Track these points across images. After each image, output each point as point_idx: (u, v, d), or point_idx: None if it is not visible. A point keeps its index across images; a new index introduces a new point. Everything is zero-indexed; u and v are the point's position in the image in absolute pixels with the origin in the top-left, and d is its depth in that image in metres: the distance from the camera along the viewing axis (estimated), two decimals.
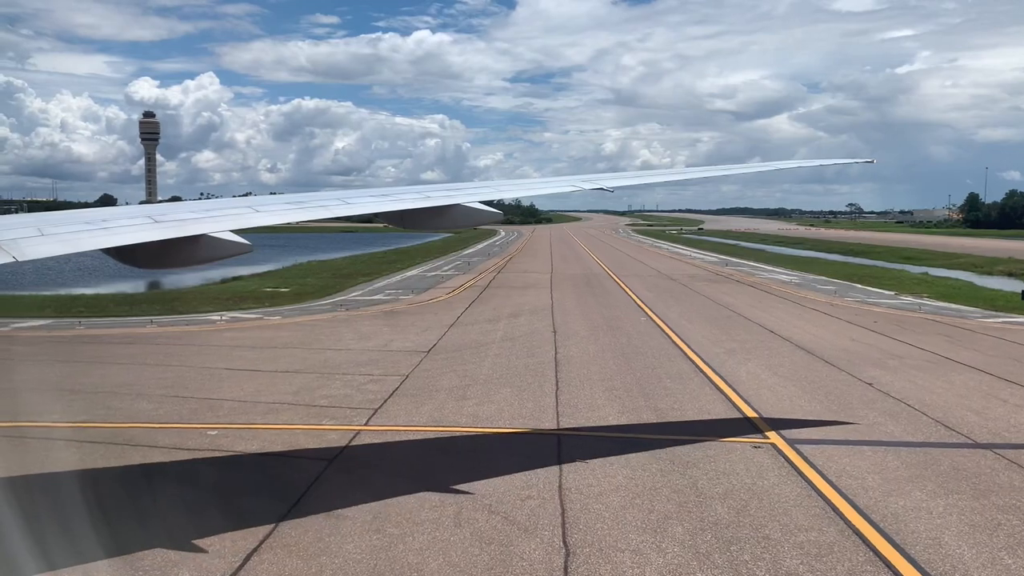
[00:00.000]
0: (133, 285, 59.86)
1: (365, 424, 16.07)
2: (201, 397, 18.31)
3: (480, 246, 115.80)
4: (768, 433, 15.42)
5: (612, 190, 14.39)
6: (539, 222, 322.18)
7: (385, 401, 18.03)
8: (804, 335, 28.49)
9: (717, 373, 21.19)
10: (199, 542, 9.88)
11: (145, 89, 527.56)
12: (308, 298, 43.54)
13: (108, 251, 9.17)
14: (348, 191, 13.30)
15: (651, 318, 33.03)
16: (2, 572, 8.92)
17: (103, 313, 36.61)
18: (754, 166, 20.12)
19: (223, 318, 33.57)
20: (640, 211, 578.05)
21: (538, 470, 12.93)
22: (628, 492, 11.99)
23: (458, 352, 24.72)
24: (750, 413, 16.96)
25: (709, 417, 16.78)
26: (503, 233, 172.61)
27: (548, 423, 16.13)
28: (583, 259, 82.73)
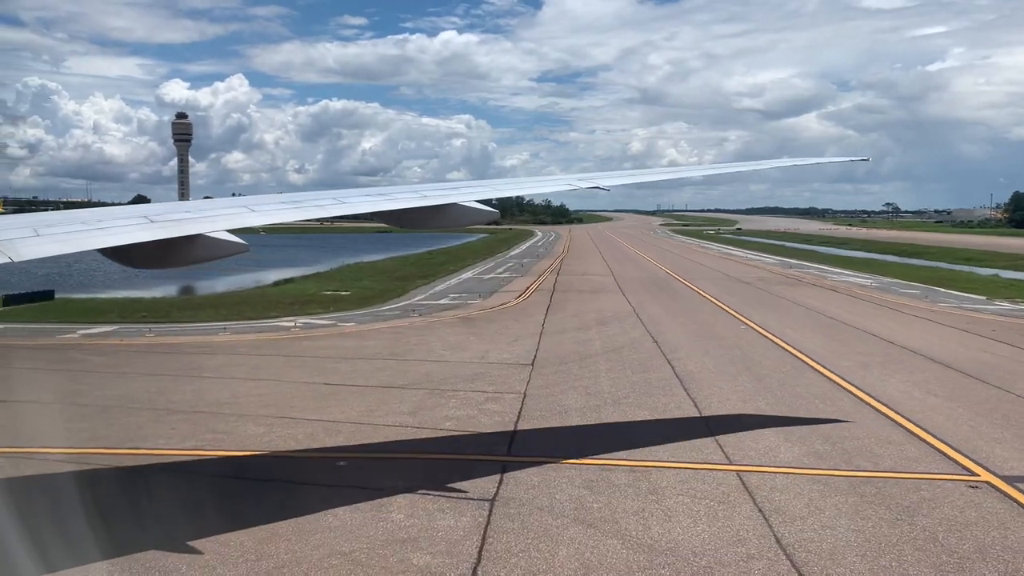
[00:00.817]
0: (175, 287, 59.02)
1: (508, 454, 14.31)
2: (312, 418, 16.68)
3: (524, 246, 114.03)
4: (974, 468, 13.42)
5: (608, 189, 14.31)
6: (570, 222, 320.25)
7: (516, 424, 16.27)
8: (928, 346, 26.28)
9: (866, 392, 19.16)
10: None
11: (176, 91, 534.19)
12: (372, 302, 42.01)
13: (104, 251, 9.05)
14: (343, 191, 13.09)
15: (749, 326, 30.98)
16: None
17: (167, 318, 35.39)
18: (751, 164, 20.04)
19: (296, 324, 32.09)
20: (670, 211, 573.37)
21: (744, 522, 11.04)
22: (864, 549, 10.08)
23: (564, 366, 22.91)
24: (937, 444, 14.94)
25: (893, 448, 14.77)
26: (540, 234, 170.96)
27: (714, 456, 14.21)
28: (636, 260, 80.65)
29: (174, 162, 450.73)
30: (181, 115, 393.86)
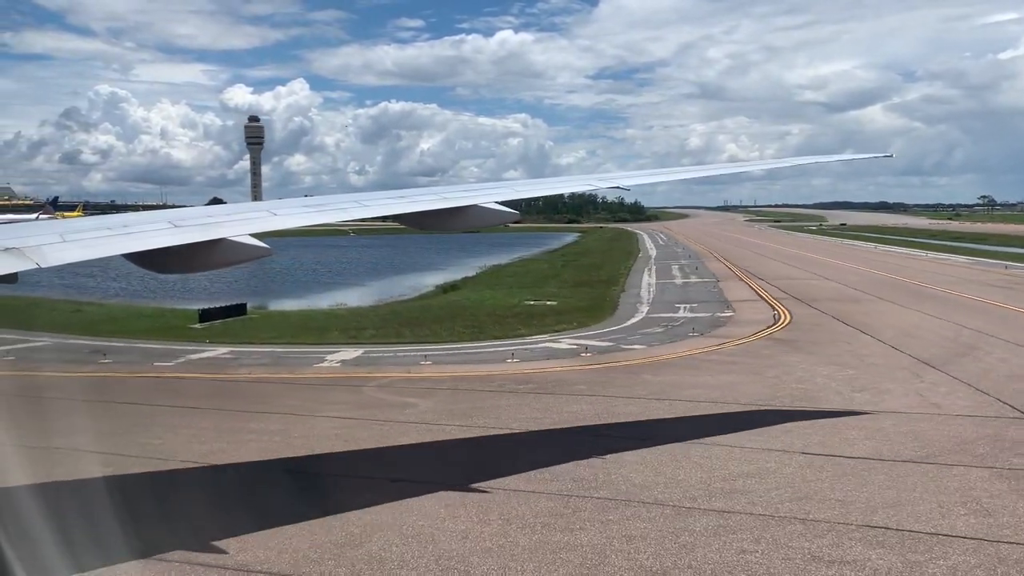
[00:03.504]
0: (314, 294, 54.30)
1: None
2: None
3: (648, 245, 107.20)
4: None
5: (628, 188, 15.46)
6: (647, 219, 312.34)
7: None
8: None
9: None
10: None
11: (239, 96, 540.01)
12: (598, 315, 36.52)
13: (129, 256, 9.16)
14: (364, 194, 12.92)
15: None
16: None
17: (400, 338, 30.41)
18: (773, 162, 23.47)
19: (586, 350, 26.53)
20: (738, 206, 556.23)
21: None
22: None
23: None
24: None
25: None
26: (641, 233, 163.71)
27: None
28: (813, 261, 73.13)
29: (238, 165, 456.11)
30: (253, 118, 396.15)
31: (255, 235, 9.71)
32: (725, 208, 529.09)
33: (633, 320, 35.02)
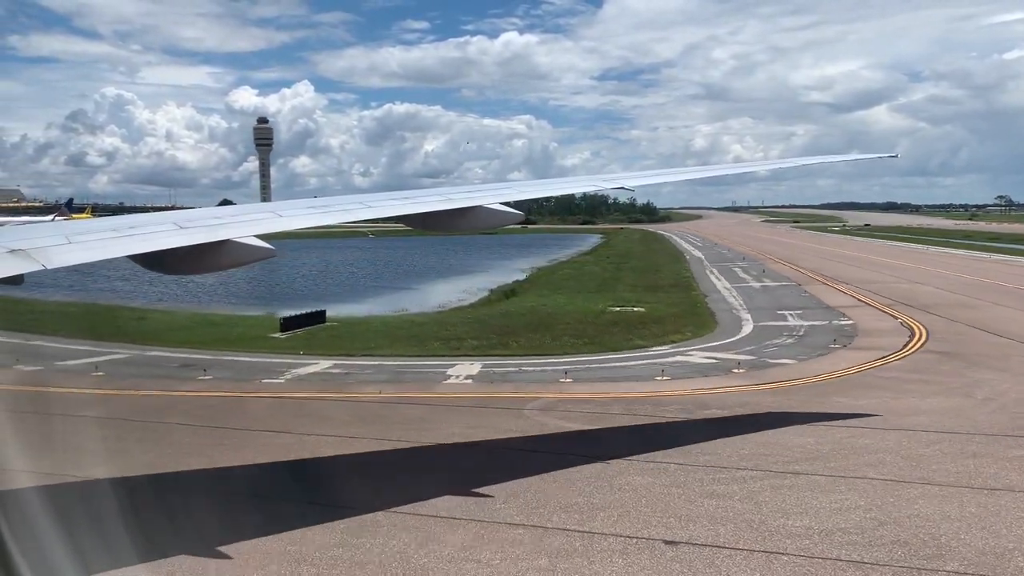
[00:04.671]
0: (377, 300, 51.60)
1: None
2: None
3: (693, 251, 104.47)
4: None
5: (633, 189, 15.83)
6: (660, 220, 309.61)
7: None
8: None
9: None
10: None
11: (245, 98, 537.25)
12: (700, 322, 34.00)
13: (134, 257, 9.19)
14: (369, 195, 13.00)
15: None
16: None
17: (507, 349, 27.89)
18: (777, 162, 23.13)
19: (738, 368, 23.92)
20: (746, 207, 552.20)
21: None
22: None
23: None
24: None
25: None
26: (667, 234, 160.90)
27: None
28: (881, 265, 70.43)
29: (243, 167, 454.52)
30: (262, 120, 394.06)
31: (260, 236, 9.71)
32: (735, 209, 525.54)
33: (747, 329, 32.39)
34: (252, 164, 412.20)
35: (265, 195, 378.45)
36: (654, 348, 28.20)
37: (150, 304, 51.37)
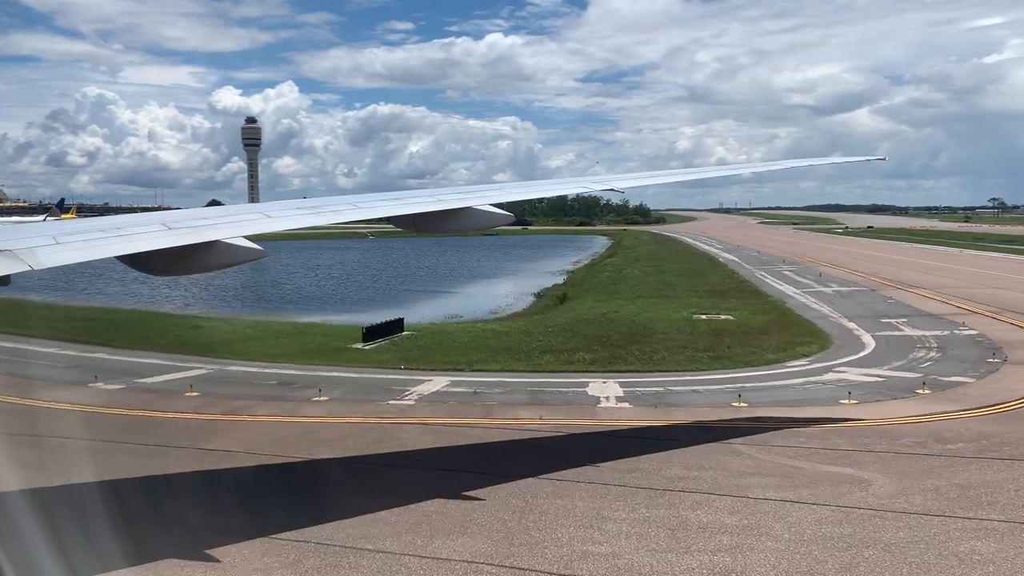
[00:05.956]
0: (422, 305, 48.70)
1: None
2: None
3: (722, 253, 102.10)
4: None
5: (623, 191, 16.08)
6: (656, 222, 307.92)
7: None
8: None
9: None
10: None
11: (228, 98, 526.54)
12: (805, 332, 31.48)
13: (122, 258, 9.17)
14: (360, 196, 13.18)
15: None
16: None
17: (620, 365, 25.27)
18: (764, 164, 23.19)
19: (923, 389, 21.31)
20: (732, 209, 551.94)
21: None
22: None
23: None
24: None
25: None
26: (677, 235, 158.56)
27: None
28: (942, 270, 68.39)
29: (226, 167, 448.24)
30: (251, 120, 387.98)
31: (250, 237, 9.68)
32: (726, 211, 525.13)
33: (868, 340, 29.83)
34: (235, 165, 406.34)
35: (253, 195, 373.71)
36: (791, 363, 25.66)
37: (180, 309, 48.34)
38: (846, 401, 19.87)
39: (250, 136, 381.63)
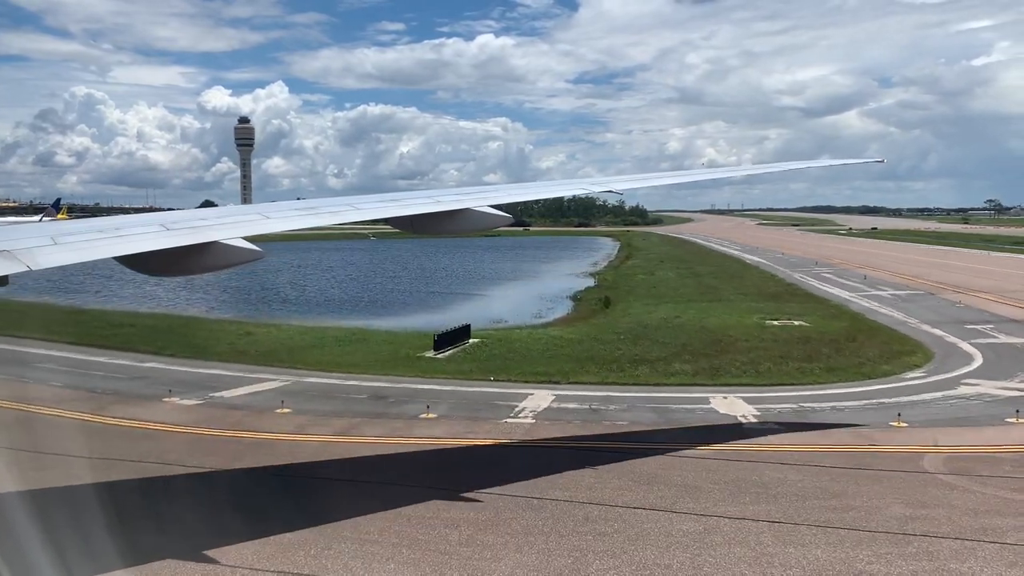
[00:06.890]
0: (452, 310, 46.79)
1: None
2: None
3: (746, 255, 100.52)
4: None
5: (621, 192, 16.18)
6: (654, 223, 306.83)
7: None
8: None
9: None
10: None
11: (217, 98, 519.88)
12: (890, 340, 29.80)
13: (120, 259, 9.11)
14: (358, 197, 13.18)
15: None
16: None
17: (723, 376, 23.51)
18: (762, 167, 23.11)
19: None
20: (725, 210, 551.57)
21: None
22: None
23: None
24: None
25: None
26: (686, 237, 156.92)
27: None
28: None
29: (216, 168, 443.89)
30: (244, 119, 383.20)
31: (248, 238, 9.66)
32: (721, 212, 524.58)
33: (970, 349, 28.17)
34: (225, 165, 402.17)
35: (246, 196, 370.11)
36: (909, 375, 24.00)
37: (208, 313, 46.26)
38: (1012, 420, 18.15)
39: (243, 136, 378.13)
